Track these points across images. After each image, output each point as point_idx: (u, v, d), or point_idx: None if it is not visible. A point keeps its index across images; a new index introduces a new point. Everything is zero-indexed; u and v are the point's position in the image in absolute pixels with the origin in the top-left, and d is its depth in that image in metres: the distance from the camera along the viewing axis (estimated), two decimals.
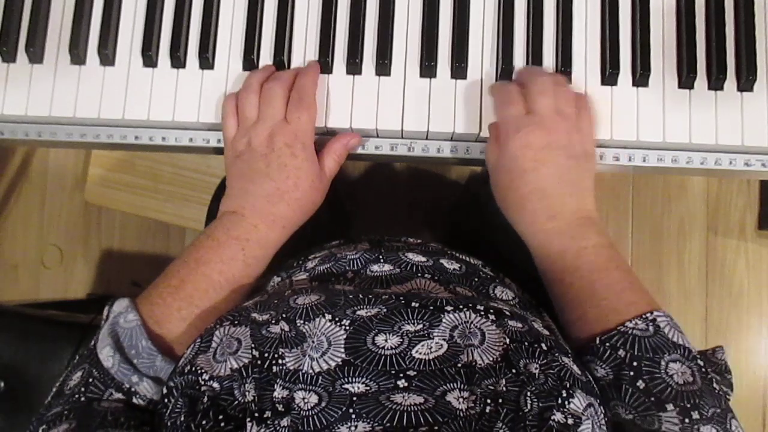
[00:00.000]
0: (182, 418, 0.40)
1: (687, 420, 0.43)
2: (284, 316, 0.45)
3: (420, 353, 0.42)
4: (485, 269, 0.62)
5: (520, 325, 0.44)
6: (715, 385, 0.45)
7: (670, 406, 0.43)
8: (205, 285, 0.55)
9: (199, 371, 0.43)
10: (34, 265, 1.55)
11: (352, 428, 0.37)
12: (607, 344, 0.48)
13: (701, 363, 0.46)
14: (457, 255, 0.61)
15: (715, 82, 0.61)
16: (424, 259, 0.57)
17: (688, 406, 0.43)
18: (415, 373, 0.40)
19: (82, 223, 1.54)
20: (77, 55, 0.63)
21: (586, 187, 0.56)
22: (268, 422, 0.38)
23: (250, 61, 0.63)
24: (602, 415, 0.41)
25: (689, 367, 0.46)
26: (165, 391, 0.44)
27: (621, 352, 0.47)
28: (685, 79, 0.61)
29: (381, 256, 0.57)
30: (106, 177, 1.21)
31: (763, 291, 1.45)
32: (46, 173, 1.55)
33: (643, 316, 0.48)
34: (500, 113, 0.58)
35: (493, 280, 0.59)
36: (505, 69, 0.61)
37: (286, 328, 0.44)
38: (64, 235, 1.54)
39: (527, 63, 0.62)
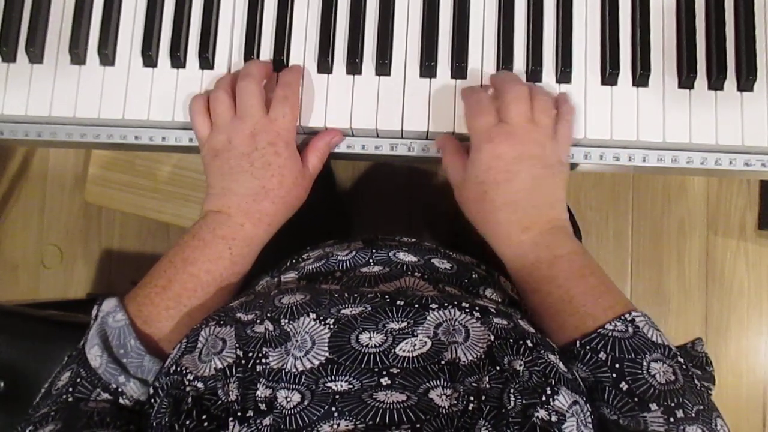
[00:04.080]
0: (167, 418, 0.40)
1: (672, 419, 0.43)
2: (269, 315, 0.45)
3: (404, 351, 0.42)
4: (479, 268, 0.61)
5: (505, 322, 0.44)
6: (696, 381, 0.45)
7: (654, 406, 0.43)
8: (193, 284, 0.55)
9: (184, 371, 0.43)
10: (34, 265, 1.55)
11: (335, 426, 0.37)
12: (588, 347, 0.47)
13: (681, 360, 0.46)
14: (450, 254, 0.61)
15: (715, 82, 0.61)
16: (414, 258, 0.57)
17: (672, 405, 0.43)
18: (398, 370, 0.41)
19: (82, 223, 1.54)
20: (77, 55, 0.63)
21: (558, 197, 0.56)
22: (251, 421, 0.38)
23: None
24: (588, 412, 0.41)
25: (670, 365, 0.46)
26: (151, 391, 0.44)
27: (602, 355, 0.47)
28: (685, 79, 0.61)
29: (371, 258, 0.57)
30: (106, 177, 1.21)
31: (763, 291, 1.45)
32: (46, 173, 1.55)
33: (622, 317, 0.48)
34: (471, 122, 0.57)
35: (485, 280, 0.59)
36: (504, 69, 0.61)
37: (271, 328, 0.44)
38: (64, 235, 1.54)
39: (527, 63, 0.62)
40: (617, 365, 0.46)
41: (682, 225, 1.47)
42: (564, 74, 0.61)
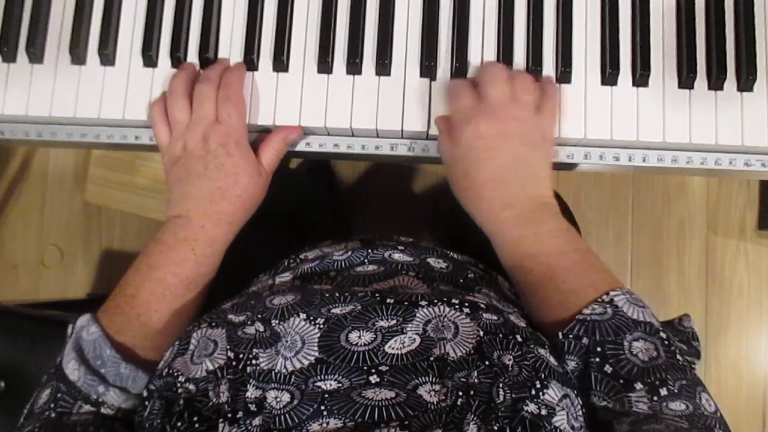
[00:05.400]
0: (158, 420, 0.40)
1: (656, 397, 0.42)
2: (260, 316, 0.45)
3: (393, 348, 0.42)
4: (476, 267, 0.61)
5: (495, 317, 0.44)
6: (678, 356, 0.45)
7: (638, 385, 0.43)
8: (161, 289, 0.55)
9: (176, 374, 0.43)
10: (34, 265, 1.55)
11: (324, 425, 0.38)
12: (570, 336, 0.47)
13: (663, 335, 0.46)
14: (448, 253, 0.61)
15: (715, 82, 0.61)
16: (410, 258, 0.58)
17: (656, 382, 0.43)
18: (387, 368, 0.41)
19: (82, 223, 1.54)
20: (77, 55, 0.63)
21: (542, 174, 0.56)
22: (240, 422, 0.38)
23: (250, 62, 0.63)
24: (579, 406, 0.41)
25: (652, 342, 0.45)
26: (145, 393, 0.45)
27: (584, 340, 0.46)
28: (685, 79, 0.61)
29: (366, 258, 0.57)
30: (106, 177, 1.22)
31: (763, 291, 1.45)
32: (46, 173, 1.55)
33: (599, 300, 0.48)
34: (451, 106, 0.58)
35: (481, 280, 0.59)
36: None
37: (261, 329, 0.44)
38: (64, 235, 1.54)
39: (527, 63, 0.62)
40: (599, 348, 0.45)
41: (682, 225, 1.47)
42: (564, 74, 0.61)
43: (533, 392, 0.38)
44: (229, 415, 0.39)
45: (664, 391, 0.43)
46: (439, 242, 0.66)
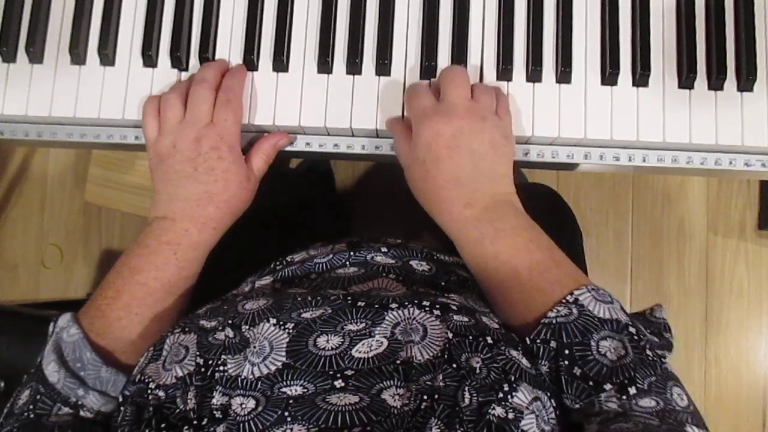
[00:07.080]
0: (128, 428, 0.40)
1: (624, 396, 0.42)
2: (230, 322, 0.45)
3: (360, 352, 0.42)
4: (463, 270, 0.61)
5: (466, 319, 0.44)
6: (648, 352, 0.44)
7: (607, 386, 0.43)
8: (142, 293, 0.54)
9: (147, 380, 0.43)
10: (34, 265, 1.55)
11: (288, 431, 0.37)
12: (537, 341, 0.46)
13: (633, 330, 0.45)
14: (434, 255, 0.61)
15: (715, 82, 0.61)
16: (392, 260, 0.57)
17: (625, 381, 0.42)
18: (352, 372, 0.40)
19: (82, 223, 1.54)
20: (77, 55, 0.63)
21: (503, 173, 0.55)
22: (205, 429, 0.38)
23: (249, 62, 0.63)
24: (551, 409, 0.41)
25: (620, 340, 0.45)
26: (120, 399, 0.45)
27: (552, 344, 0.46)
28: (685, 79, 0.61)
29: (348, 260, 0.57)
30: (106, 177, 1.22)
31: (763, 291, 1.45)
32: (46, 173, 1.55)
33: (563, 301, 0.47)
34: (410, 107, 0.57)
35: (465, 282, 0.58)
36: (505, 69, 0.61)
37: (231, 334, 0.44)
38: (64, 235, 1.54)
39: (527, 63, 0.62)
40: (567, 351, 0.45)
41: (682, 225, 1.47)
42: (564, 74, 0.61)
43: (501, 395, 0.38)
44: (195, 422, 0.39)
45: (633, 390, 0.42)
46: (438, 242, 0.66)
